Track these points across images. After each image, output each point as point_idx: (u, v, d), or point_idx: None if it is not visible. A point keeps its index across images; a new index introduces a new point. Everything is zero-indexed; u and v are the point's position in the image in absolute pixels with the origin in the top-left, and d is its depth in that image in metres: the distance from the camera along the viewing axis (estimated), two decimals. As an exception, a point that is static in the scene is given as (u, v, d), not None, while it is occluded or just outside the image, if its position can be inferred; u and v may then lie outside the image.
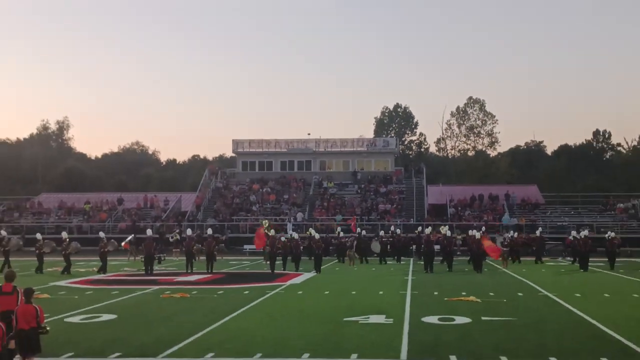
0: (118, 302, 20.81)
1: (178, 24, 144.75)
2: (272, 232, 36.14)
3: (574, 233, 38.05)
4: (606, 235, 36.94)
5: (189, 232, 35.39)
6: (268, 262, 33.10)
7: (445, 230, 36.65)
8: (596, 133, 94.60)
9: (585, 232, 36.27)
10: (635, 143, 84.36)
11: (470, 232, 38.27)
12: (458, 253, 40.29)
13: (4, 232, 37.24)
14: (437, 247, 36.30)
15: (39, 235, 34.63)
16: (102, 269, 31.85)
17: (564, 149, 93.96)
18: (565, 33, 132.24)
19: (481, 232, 35.11)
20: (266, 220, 47.76)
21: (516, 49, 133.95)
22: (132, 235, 41.91)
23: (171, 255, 43.29)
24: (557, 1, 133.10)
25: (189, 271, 31.66)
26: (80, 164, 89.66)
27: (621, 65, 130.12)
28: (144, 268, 31.77)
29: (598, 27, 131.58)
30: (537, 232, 41.39)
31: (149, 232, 34.20)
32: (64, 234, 34.95)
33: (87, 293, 23.30)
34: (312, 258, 33.77)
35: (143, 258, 32.77)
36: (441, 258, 35.84)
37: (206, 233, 36.43)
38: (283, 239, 36.03)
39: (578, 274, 31.39)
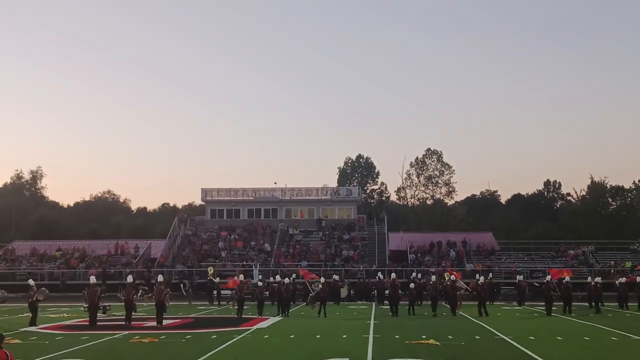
0: (88, 347, 20.39)
1: (146, 74, 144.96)
2: (217, 279, 38.72)
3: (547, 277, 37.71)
4: (563, 281, 37.04)
5: (129, 279, 30.95)
6: (235, 307, 32.66)
7: (448, 277, 36.12)
8: (547, 183, 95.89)
9: (549, 277, 36.48)
10: (583, 193, 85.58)
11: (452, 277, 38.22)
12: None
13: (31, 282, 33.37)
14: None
15: None
16: (32, 322, 27.73)
17: (516, 198, 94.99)
18: (518, 88, 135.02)
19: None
20: (211, 267, 47.74)
21: (471, 102, 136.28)
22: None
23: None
24: (507, 57, 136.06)
25: (127, 324, 27.38)
26: (52, 212, 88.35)
27: (573, 119, 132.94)
28: (124, 316, 28.69)
29: (550, 83, 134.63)
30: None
31: (130, 278, 31.73)
32: None
33: (57, 338, 22.79)
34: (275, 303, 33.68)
35: (86, 307, 28.76)
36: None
37: (156, 280, 32.77)
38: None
39: (532, 318, 31.48)
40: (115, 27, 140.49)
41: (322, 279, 36.48)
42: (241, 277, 34.64)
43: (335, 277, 45.45)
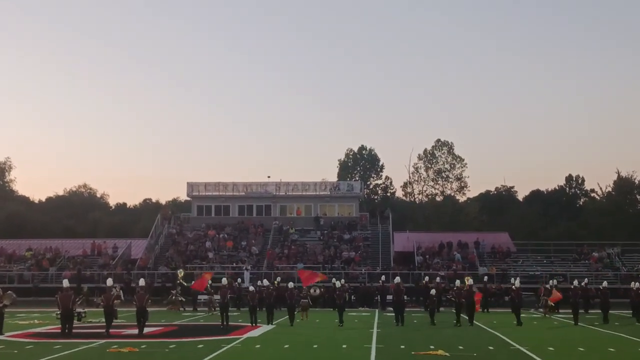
0: (60, 357, 20.41)
1: (127, 58, 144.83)
2: (186, 283, 40.75)
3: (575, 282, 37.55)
4: (600, 286, 36.72)
5: (109, 282, 30.61)
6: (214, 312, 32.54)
7: (469, 281, 35.60)
8: (569, 178, 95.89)
9: (577, 282, 36.22)
10: (609, 189, 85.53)
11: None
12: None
13: None
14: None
15: None
16: None
17: (535, 195, 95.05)
18: (536, 73, 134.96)
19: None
20: (181, 270, 47.77)
21: (486, 91, 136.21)
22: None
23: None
24: (525, 42, 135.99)
25: (107, 332, 27.11)
26: (22, 208, 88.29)
27: (595, 109, 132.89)
28: (104, 322, 28.29)
29: (572, 67, 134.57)
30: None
31: (110, 281, 31.57)
32: None
33: (27, 347, 22.83)
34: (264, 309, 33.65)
35: (59, 314, 28.61)
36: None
37: (136, 284, 33.38)
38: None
39: (553, 327, 31.52)
40: (93, 9, 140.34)
41: (338, 283, 36.07)
42: (224, 280, 34.41)
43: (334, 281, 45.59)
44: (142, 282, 31.17)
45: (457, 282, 35.27)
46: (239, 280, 45.47)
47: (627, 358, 20.36)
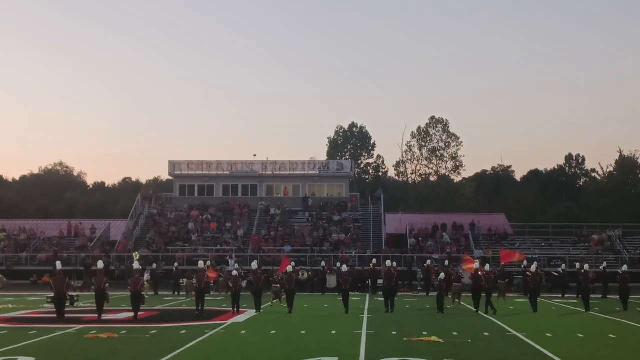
0: (35, 343, 20.37)
1: (106, 30, 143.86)
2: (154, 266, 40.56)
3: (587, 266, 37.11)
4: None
5: (100, 264, 30.06)
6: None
7: (477, 264, 35.05)
8: (569, 158, 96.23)
9: (587, 266, 36.01)
10: (610, 169, 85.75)
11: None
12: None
13: None
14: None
15: None
16: None
17: (534, 175, 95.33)
18: (535, 48, 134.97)
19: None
20: (137, 252, 47.68)
21: (482, 66, 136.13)
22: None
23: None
24: (524, 20, 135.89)
25: (99, 318, 27.25)
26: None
27: (597, 85, 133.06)
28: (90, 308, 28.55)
29: (572, 45, 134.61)
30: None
31: (100, 264, 31.30)
32: None
33: (0, 333, 22.77)
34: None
35: (51, 298, 29.15)
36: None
37: (121, 266, 33.12)
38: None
39: (560, 314, 31.64)
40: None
41: (345, 267, 35.69)
42: (200, 263, 34.10)
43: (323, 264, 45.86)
44: (136, 265, 30.97)
45: (476, 264, 34.13)
46: (209, 263, 45.38)
47: (625, 344, 20.47)
